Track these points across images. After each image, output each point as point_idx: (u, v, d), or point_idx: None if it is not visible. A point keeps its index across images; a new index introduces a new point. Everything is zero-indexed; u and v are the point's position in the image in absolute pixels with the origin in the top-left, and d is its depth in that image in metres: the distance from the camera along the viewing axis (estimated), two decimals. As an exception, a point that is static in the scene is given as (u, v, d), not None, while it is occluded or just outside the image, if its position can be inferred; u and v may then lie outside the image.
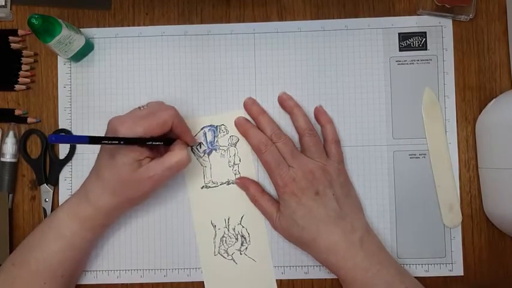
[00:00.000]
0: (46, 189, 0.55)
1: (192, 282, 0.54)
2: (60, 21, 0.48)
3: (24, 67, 0.55)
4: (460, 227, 0.54)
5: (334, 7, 0.56)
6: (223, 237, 0.54)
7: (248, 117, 0.55)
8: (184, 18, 0.56)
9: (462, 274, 0.54)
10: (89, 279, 0.54)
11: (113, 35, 0.56)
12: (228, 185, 0.54)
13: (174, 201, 0.55)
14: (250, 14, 0.56)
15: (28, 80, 0.55)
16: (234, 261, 0.54)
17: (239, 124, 0.54)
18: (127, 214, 0.53)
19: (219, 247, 0.54)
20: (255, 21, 0.56)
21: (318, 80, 0.55)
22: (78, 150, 0.55)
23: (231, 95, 0.55)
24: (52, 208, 0.55)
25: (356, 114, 0.55)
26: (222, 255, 0.54)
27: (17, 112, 0.55)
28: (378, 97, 0.55)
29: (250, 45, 0.55)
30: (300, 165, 0.49)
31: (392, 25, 0.55)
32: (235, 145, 0.55)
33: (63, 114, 0.55)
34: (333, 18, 0.55)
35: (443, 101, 0.55)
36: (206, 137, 0.55)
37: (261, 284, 0.54)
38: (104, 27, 0.56)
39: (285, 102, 0.54)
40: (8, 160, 0.54)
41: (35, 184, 0.55)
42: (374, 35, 0.55)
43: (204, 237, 0.54)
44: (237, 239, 0.54)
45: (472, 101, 0.55)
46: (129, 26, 0.56)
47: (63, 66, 0.56)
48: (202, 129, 0.55)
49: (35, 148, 0.55)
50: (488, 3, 0.55)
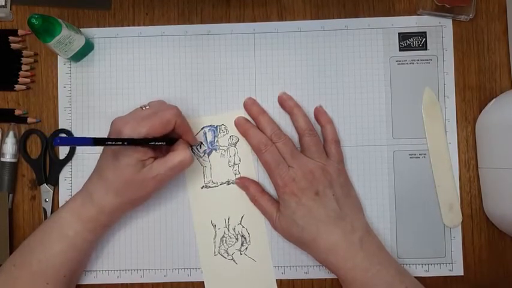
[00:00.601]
0: (46, 189, 0.55)
1: (192, 282, 0.54)
2: (60, 21, 0.49)
3: (24, 67, 0.55)
4: (460, 227, 0.54)
5: (334, 7, 0.56)
6: (223, 237, 0.54)
7: (248, 117, 0.55)
8: (184, 18, 0.56)
9: (462, 274, 0.54)
10: (89, 279, 0.54)
11: (113, 35, 0.56)
12: (228, 185, 0.54)
13: (174, 201, 0.55)
14: (250, 14, 0.56)
15: (28, 80, 0.55)
16: (234, 261, 0.54)
17: (239, 124, 0.54)
18: (127, 214, 0.53)
19: (219, 247, 0.54)
20: (255, 21, 0.56)
21: (318, 80, 0.55)
22: (78, 150, 0.55)
23: (231, 95, 0.55)
24: (52, 208, 0.55)
25: (356, 114, 0.55)
26: (222, 255, 0.54)
27: (17, 112, 0.55)
28: (378, 97, 0.55)
29: (250, 45, 0.55)
30: (299, 165, 0.49)
31: (392, 25, 0.55)
32: (235, 145, 0.55)
33: (63, 114, 0.55)
34: (333, 18, 0.55)
35: (443, 101, 0.55)
36: (206, 137, 0.55)
37: (261, 284, 0.54)
38: (104, 27, 0.56)
39: (285, 102, 0.54)
40: (8, 160, 0.54)
41: (35, 184, 0.55)
42: (374, 35, 0.55)
43: (204, 237, 0.54)
44: (237, 239, 0.54)
45: (472, 101, 0.55)
46: (129, 26, 0.56)
47: (63, 66, 0.56)
48: (202, 129, 0.55)
49: (35, 148, 0.55)
50: (488, 3, 0.55)
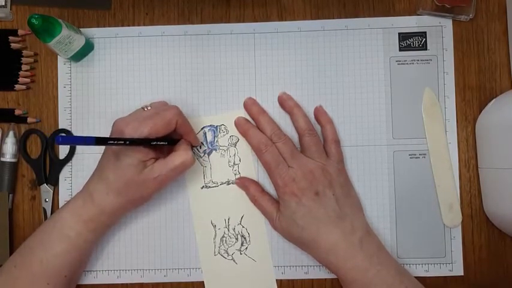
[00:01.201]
0: (46, 189, 0.55)
1: (192, 282, 0.54)
2: (60, 21, 0.49)
3: (24, 67, 0.55)
4: (460, 227, 0.54)
5: (334, 7, 0.56)
6: (223, 237, 0.54)
7: (248, 117, 0.55)
8: (184, 18, 0.56)
9: (462, 274, 0.54)
10: (89, 279, 0.54)
11: (113, 35, 0.56)
12: (228, 185, 0.54)
13: (174, 201, 0.55)
14: (250, 14, 0.56)
15: (28, 80, 0.55)
16: (234, 261, 0.54)
17: (239, 124, 0.54)
18: (127, 214, 0.53)
19: (219, 247, 0.54)
20: (255, 21, 0.56)
21: (318, 80, 0.55)
22: (78, 150, 0.55)
23: (231, 95, 0.55)
24: (52, 208, 0.55)
25: (356, 114, 0.55)
26: (222, 255, 0.54)
27: (17, 112, 0.55)
28: (378, 97, 0.55)
29: (250, 45, 0.55)
30: (299, 165, 0.49)
31: (392, 25, 0.55)
32: (235, 145, 0.55)
33: (63, 114, 0.55)
34: (333, 18, 0.55)
35: (443, 101, 0.55)
36: (206, 137, 0.55)
37: (261, 284, 0.54)
38: (104, 27, 0.56)
39: (285, 102, 0.54)
40: (8, 160, 0.54)
41: (35, 184, 0.55)
42: (374, 35, 0.55)
43: (204, 237, 0.54)
44: (237, 239, 0.54)
45: (472, 101, 0.55)
46: (129, 26, 0.56)
47: (63, 66, 0.56)
48: (202, 129, 0.55)
49: (35, 148, 0.55)
50: (488, 3, 0.55)
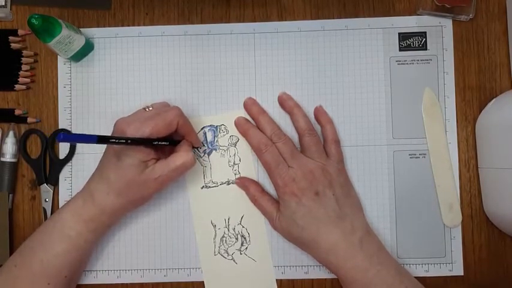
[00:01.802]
0: (46, 189, 0.55)
1: (192, 282, 0.54)
2: (60, 21, 0.49)
3: (24, 67, 0.55)
4: (460, 227, 0.54)
5: (334, 7, 0.56)
6: (223, 237, 0.54)
7: (248, 117, 0.55)
8: (184, 18, 0.56)
9: (462, 274, 0.54)
10: (89, 279, 0.54)
11: (113, 35, 0.56)
12: (228, 185, 0.54)
13: (174, 201, 0.55)
14: (250, 14, 0.56)
15: (28, 80, 0.55)
16: (234, 261, 0.54)
17: (239, 124, 0.54)
18: (127, 214, 0.53)
19: (219, 247, 0.54)
20: (255, 21, 0.56)
21: (318, 80, 0.55)
22: (78, 150, 0.55)
23: (231, 95, 0.55)
24: (52, 208, 0.55)
25: (356, 114, 0.55)
26: (222, 255, 0.54)
27: (17, 112, 0.55)
28: (378, 97, 0.55)
29: (250, 45, 0.55)
30: (299, 165, 0.49)
31: (392, 25, 0.55)
32: (235, 145, 0.55)
33: (63, 114, 0.55)
34: (333, 18, 0.55)
35: (443, 101, 0.55)
36: (206, 137, 0.55)
37: (261, 284, 0.54)
38: (104, 27, 0.56)
39: (285, 102, 0.54)
40: (8, 160, 0.54)
41: (35, 184, 0.55)
42: (374, 35, 0.55)
43: (204, 237, 0.54)
44: (237, 239, 0.54)
45: (472, 101, 0.55)
46: (129, 26, 0.56)
47: (63, 66, 0.56)
48: (202, 129, 0.55)
49: (35, 148, 0.55)
50: (488, 3, 0.55)
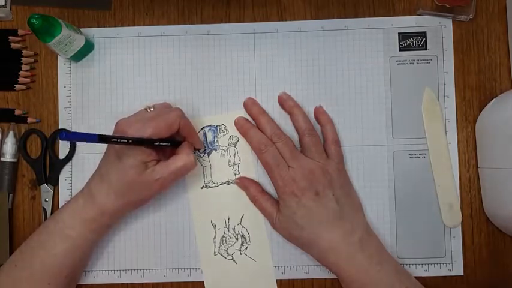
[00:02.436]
0: (46, 189, 0.55)
1: (192, 282, 0.54)
2: (60, 21, 0.49)
3: (24, 67, 0.55)
4: (460, 227, 0.54)
5: (334, 7, 0.56)
6: (223, 237, 0.54)
7: (248, 117, 0.55)
8: (184, 18, 0.56)
9: (462, 274, 0.54)
10: (89, 279, 0.54)
11: (113, 35, 0.56)
12: (228, 185, 0.54)
13: (174, 201, 0.55)
14: (250, 14, 0.56)
15: (28, 80, 0.55)
16: (234, 261, 0.54)
17: (239, 124, 0.54)
18: (127, 215, 0.53)
19: (219, 247, 0.54)
20: (255, 21, 0.56)
21: (318, 80, 0.55)
22: (78, 150, 0.55)
23: (231, 95, 0.55)
24: (52, 208, 0.55)
25: (356, 114, 0.55)
26: (222, 255, 0.54)
27: (17, 112, 0.55)
28: (378, 97, 0.55)
29: (250, 45, 0.55)
30: (299, 165, 0.49)
31: (392, 25, 0.55)
32: (235, 145, 0.55)
33: (63, 114, 0.55)
34: (333, 18, 0.55)
35: (443, 101, 0.55)
36: (206, 137, 0.55)
37: (261, 284, 0.54)
38: (104, 27, 0.56)
39: (285, 103, 0.54)
40: (8, 160, 0.54)
41: (35, 184, 0.55)
42: (374, 35, 0.55)
43: (204, 237, 0.54)
44: (237, 239, 0.54)
45: (472, 101, 0.55)
46: (129, 26, 0.56)
47: (63, 66, 0.56)
48: (202, 129, 0.55)
49: (35, 148, 0.55)
50: (488, 3, 0.55)
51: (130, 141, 0.44)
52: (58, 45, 0.50)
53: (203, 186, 0.55)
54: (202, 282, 0.54)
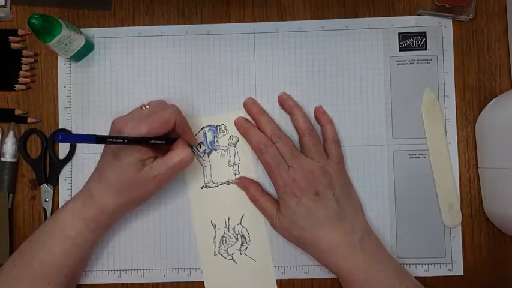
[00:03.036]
0: (46, 189, 0.55)
1: (192, 282, 0.54)
2: (60, 21, 0.49)
3: (24, 67, 0.55)
4: (460, 227, 0.54)
5: (334, 7, 0.56)
6: (223, 237, 0.54)
7: (248, 117, 0.55)
8: (184, 18, 0.56)
9: (462, 274, 0.54)
10: (89, 279, 0.54)
11: (113, 35, 0.56)
12: (228, 185, 0.54)
13: (174, 201, 0.55)
14: (250, 14, 0.56)
15: (28, 80, 0.55)
16: (234, 261, 0.54)
17: (239, 124, 0.54)
18: (127, 214, 0.53)
19: (219, 247, 0.54)
20: (255, 21, 0.56)
21: (318, 80, 0.55)
22: (78, 150, 0.55)
23: (231, 95, 0.55)
24: (52, 208, 0.55)
25: (356, 114, 0.55)
26: (222, 255, 0.54)
27: (17, 112, 0.55)
28: (378, 97, 0.55)
29: (250, 45, 0.55)
30: (299, 165, 0.49)
31: (392, 25, 0.55)
32: (235, 145, 0.55)
33: (63, 114, 0.55)
34: (333, 18, 0.55)
35: (443, 101, 0.55)
36: (206, 137, 0.55)
37: (261, 284, 0.54)
38: (104, 27, 0.56)
39: (285, 102, 0.54)
40: (8, 160, 0.54)
41: (35, 184, 0.55)
42: (374, 35, 0.55)
43: (204, 237, 0.54)
44: (237, 239, 0.54)
45: (472, 101, 0.55)
46: (129, 26, 0.56)
47: (63, 66, 0.56)
48: (202, 129, 0.55)
49: (35, 148, 0.55)
50: (488, 3, 0.55)
51: (126, 141, 0.44)
52: (58, 45, 0.50)
53: (203, 186, 0.55)
54: (202, 282, 0.54)
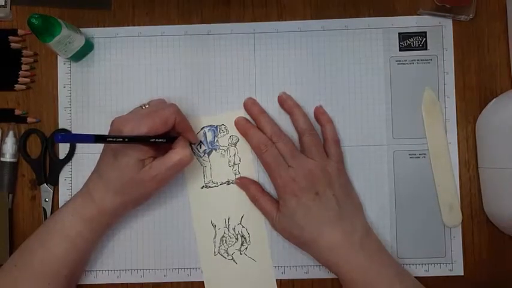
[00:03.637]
0: (46, 189, 0.55)
1: (192, 282, 0.54)
2: (60, 21, 0.49)
3: (24, 67, 0.55)
4: (460, 227, 0.54)
5: (334, 7, 0.56)
6: (223, 237, 0.54)
7: (248, 117, 0.55)
8: (184, 18, 0.56)
9: (462, 274, 0.54)
10: (89, 279, 0.54)
11: (113, 35, 0.56)
12: (228, 185, 0.54)
13: (174, 201, 0.55)
14: (250, 14, 0.56)
15: (28, 79, 0.55)
16: (234, 261, 0.54)
17: (239, 124, 0.54)
18: (127, 214, 0.53)
19: (219, 247, 0.54)
20: (255, 21, 0.56)
21: (318, 80, 0.55)
22: (78, 150, 0.55)
23: (231, 95, 0.55)
24: (52, 208, 0.55)
25: (356, 114, 0.55)
26: (222, 255, 0.54)
27: (17, 112, 0.55)
28: (378, 97, 0.55)
29: (250, 45, 0.55)
30: (299, 165, 0.49)
31: (392, 25, 0.55)
32: (235, 145, 0.55)
33: (63, 114, 0.55)
34: (333, 18, 0.55)
35: (443, 100, 0.55)
36: (206, 137, 0.55)
37: (261, 284, 0.54)
38: (104, 27, 0.56)
39: (285, 102, 0.54)
40: (8, 160, 0.54)
41: (35, 184, 0.55)
42: (374, 35, 0.55)
43: (204, 237, 0.54)
44: (237, 239, 0.54)
45: (472, 101, 0.55)
46: (129, 26, 0.56)
47: (63, 66, 0.56)
48: (202, 129, 0.55)
49: (35, 148, 0.55)
50: (488, 3, 0.55)
51: (126, 140, 0.44)
52: (58, 45, 0.50)
53: (203, 186, 0.55)
54: (202, 282, 0.54)
